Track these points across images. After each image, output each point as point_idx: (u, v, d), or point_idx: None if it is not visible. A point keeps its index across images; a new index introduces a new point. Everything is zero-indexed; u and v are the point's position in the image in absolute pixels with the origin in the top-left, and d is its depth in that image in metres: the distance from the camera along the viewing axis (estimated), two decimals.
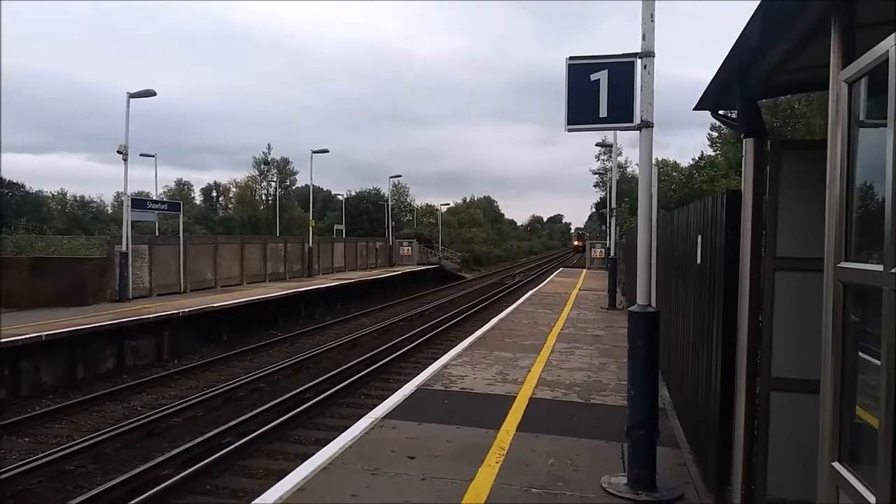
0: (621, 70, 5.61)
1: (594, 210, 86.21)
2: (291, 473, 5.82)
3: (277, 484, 5.55)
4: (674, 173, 61.86)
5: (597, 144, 45.81)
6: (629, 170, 73.82)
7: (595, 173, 78.22)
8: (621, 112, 5.65)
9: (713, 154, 50.29)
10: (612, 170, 30.75)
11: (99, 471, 9.22)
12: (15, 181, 65.42)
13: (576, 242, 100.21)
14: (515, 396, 8.92)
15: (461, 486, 5.66)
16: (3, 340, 12.97)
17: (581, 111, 5.79)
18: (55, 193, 78.36)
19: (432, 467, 6.12)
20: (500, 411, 8.08)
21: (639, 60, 5.50)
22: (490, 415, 7.90)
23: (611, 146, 32.12)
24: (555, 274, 42.64)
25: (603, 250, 42.12)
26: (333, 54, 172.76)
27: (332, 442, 6.68)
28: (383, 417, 7.66)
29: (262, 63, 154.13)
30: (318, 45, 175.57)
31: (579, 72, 5.74)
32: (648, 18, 5.43)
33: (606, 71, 5.66)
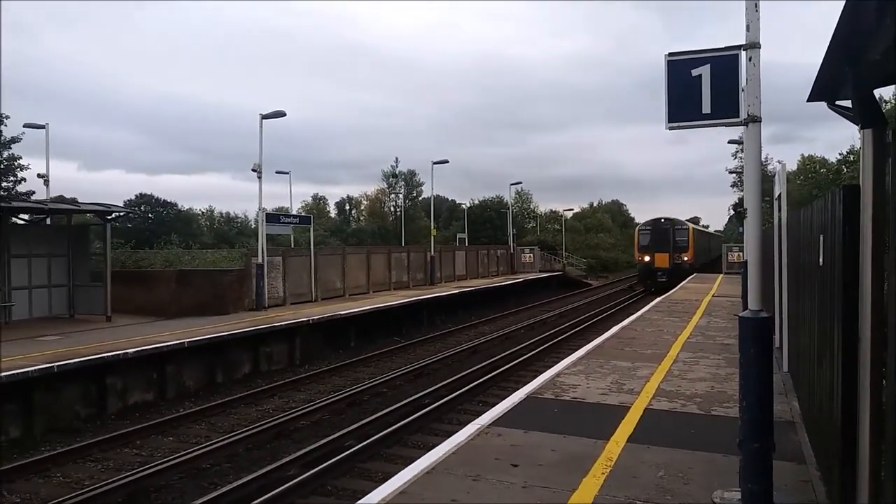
0: (724, 64, 5.36)
1: (733, 211, 77.30)
2: (395, 476, 5.97)
3: (380, 487, 5.72)
4: (821, 170, 57.49)
5: (730, 142, 43.18)
6: (770, 167, 69.25)
7: (732, 172, 73.69)
8: (726, 107, 5.39)
9: None
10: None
11: (231, 469, 9.88)
12: (168, 200, 71.41)
13: (643, 258, 42.30)
14: (630, 407, 8.65)
15: (563, 496, 5.58)
16: (152, 346, 14.24)
17: (683, 108, 5.57)
18: (204, 210, 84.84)
19: (535, 475, 6.06)
20: (612, 422, 7.87)
21: (743, 52, 5.23)
22: (600, 425, 7.71)
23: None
24: (688, 280, 40.75)
25: (740, 254, 39.80)
26: (448, 65, 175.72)
27: (437, 447, 6.79)
28: (490, 424, 7.68)
29: (381, 77, 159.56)
30: (433, 57, 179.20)
31: (679, 67, 5.54)
32: (752, 8, 5.14)
33: (709, 65, 5.42)
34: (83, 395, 12.97)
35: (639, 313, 21.18)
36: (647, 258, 41.68)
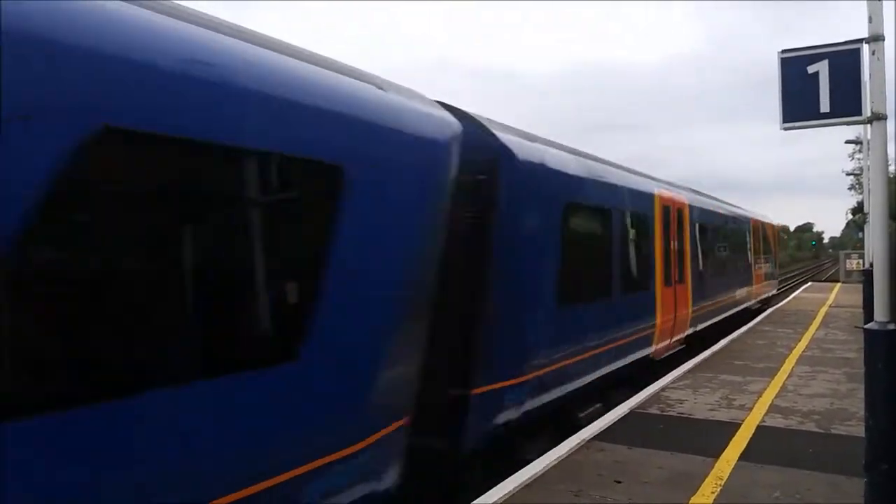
0: (844, 59, 5.07)
1: (851, 216, 70.44)
2: (494, 489, 5.89)
3: (478, 499, 5.66)
4: None
5: (847, 142, 40.29)
6: (892, 167, 63.77)
7: (849, 174, 68.36)
8: (847, 105, 5.09)
9: None
10: (867, 170, 27.07)
11: None
12: None
13: None
14: (741, 423, 8.21)
15: None
16: None
17: (798, 107, 5.32)
18: None
19: (639, 493, 5.84)
20: (721, 439, 7.48)
21: (866, 46, 4.90)
22: (709, 442, 7.35)
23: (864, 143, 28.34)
24: (801, 290, 38.43)
25: (860, 261, 37.20)
26: (554, 74, 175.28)
27: (537, 460, 6.66)
28: (591, 439, 7.46)
29: (498, 91, 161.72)
30: (540, 67, 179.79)
31: (794, 65, 5.29)
32: None
33: (826, 61, 5.13)
34: None
35: (749, 325, 20.14)
36: None
